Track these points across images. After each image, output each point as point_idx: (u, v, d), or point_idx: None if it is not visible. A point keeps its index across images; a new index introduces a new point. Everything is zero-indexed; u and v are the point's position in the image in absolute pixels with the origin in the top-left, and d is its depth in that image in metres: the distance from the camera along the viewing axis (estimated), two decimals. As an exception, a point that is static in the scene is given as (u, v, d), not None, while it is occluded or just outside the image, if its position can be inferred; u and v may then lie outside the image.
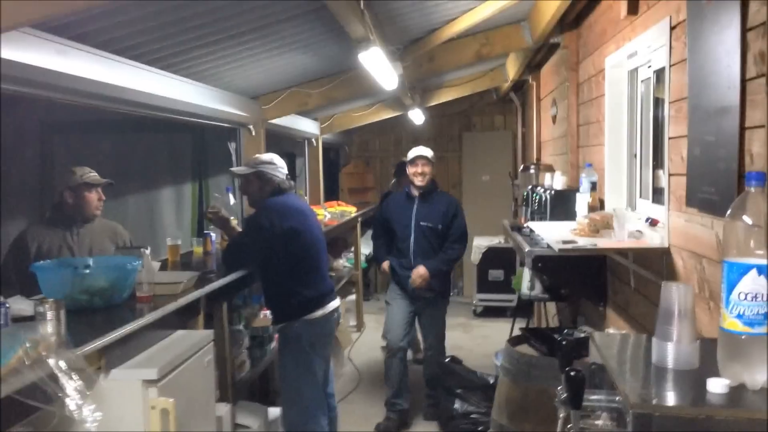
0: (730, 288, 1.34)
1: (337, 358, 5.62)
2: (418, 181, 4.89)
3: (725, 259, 1.36)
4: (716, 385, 1.31)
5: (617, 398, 1.41)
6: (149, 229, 6.27)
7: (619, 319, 3.68)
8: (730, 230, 1.36)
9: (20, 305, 2.45)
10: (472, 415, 4.47)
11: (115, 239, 3.92)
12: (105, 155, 5.90)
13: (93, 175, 3.79)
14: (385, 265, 5.07)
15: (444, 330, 5.08)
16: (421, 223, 4.87)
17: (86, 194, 3.74)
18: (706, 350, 1.48)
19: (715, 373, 1.38)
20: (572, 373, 1.42)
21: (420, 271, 4.77)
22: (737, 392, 1.31)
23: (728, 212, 1.37)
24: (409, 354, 5.36)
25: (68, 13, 2.67)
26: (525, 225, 4.14)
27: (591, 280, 3.95)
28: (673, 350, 1.43)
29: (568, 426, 1.40)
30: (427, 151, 4.93)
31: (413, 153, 4.94)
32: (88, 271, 2.79)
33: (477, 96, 8.84)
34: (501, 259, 8.19)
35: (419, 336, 5.49)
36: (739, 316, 1.33)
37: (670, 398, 1.36)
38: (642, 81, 3.60)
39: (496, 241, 8.27)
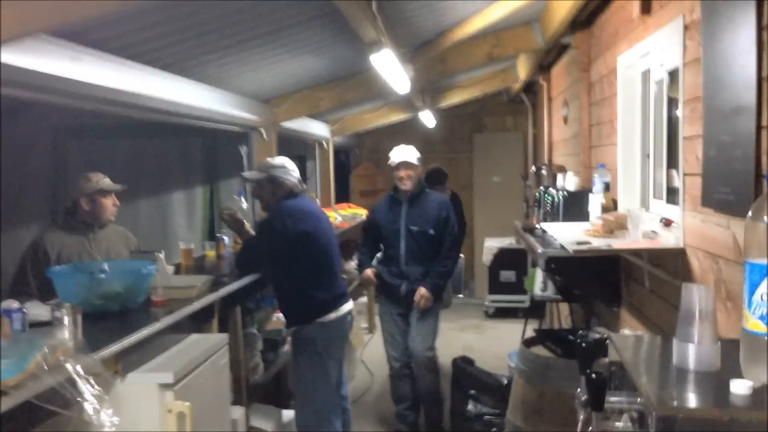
0: (753, 289, 1.33)
1: (349, 360, 5.61)
2: (404, 186, 4.62)
3: (747, 260, 1.35)
4: (740, 387, 1.29)
5: (638, 400, 1.40)
6: (161, 234, 6.30)
7: (633, 320, 3.66)
8: (751, 231, 1.34)
9: (37, 310, 2.46)
10: (486, 417, 4.46)
11: (127, 244, 3.94)
12: (117, 160, 5.94)
13: (108, 181, 3.81)
14: (369, 272, 4.77)
15: (433, 340, 4.67)
16: (411, 228, 4.58)
17: (102, 200, 3.76)
18: (724, 351, 1.47)
19: (736, 374, 1.37)
20: (593, 375, 1.41)
21: (422, 292, 4.48)
22: (761, 394, 1.30)
23: (749, 213, 1.35)
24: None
25: (82, 19, 2.69)
26: (537, 226, 4.13)
27: (605, 281, 3.93)
28: (694, 351, 1.42)
29: (589, 428, 1.39)
30: (410, 155, 4.64)
31: (396, 158, 4.65)
32: (104, 276, 2.81)
33: (488, 97, 8.83)
34: (512, 260, 8.19)
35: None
36: (762, 317, 1.32)
37: (694, 400, 1.35)
38: (655, 81, 3.58)
39: (508, 242, 8.25)
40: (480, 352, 6.46)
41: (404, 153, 4.66)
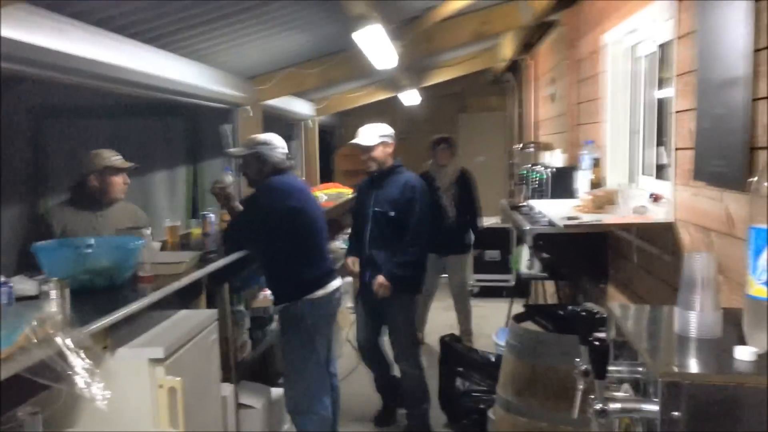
0: (757, 254, 1.32)
1: (335, 339, 5.59)
2: (369, 168, 4.44)
3: (752, 225, 1.34)
4: (744, 353, 1.29)
5: (639, 368, 1.39)
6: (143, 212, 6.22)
7: (620, 296, 3.68)
8: (756, 197, 1.34)
9: (23, 285, 2.42)
10: (474, 393, 4.47)
11: (136, 221, 3.90)
12: (97, 140, 5.82)
13: (118, 158, 3.78)
14: (349, 261, 4.56)
15: (410, 333, 4.45)
16: (375, 209, 4.34)
17: (111, 177, 3.74)
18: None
19: (737, 342, 1.37)
20: (596, 343, 1.41)
21: (379, 281, 4.21)
22: (765, 359, 1.30)
23: (755, 178, 1.35)
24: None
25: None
26: (525, 203, 4.12)
27: (592, 258, 3.94)
28: (696, 319, 1.42)
29: (591, 396, 1.38)
30: (363, 137, 4.33)
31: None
32: (89, 250, 2.76)
33: (472, 77, 8.80)
34: (496, 239, 8.21)
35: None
36: (766, 283, 1.31)
37: (699, 366, 1.35)
38: (644, 56, 3.57)
39: (492, 221, 8.26)
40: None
41: (358, 135, 4.39)
